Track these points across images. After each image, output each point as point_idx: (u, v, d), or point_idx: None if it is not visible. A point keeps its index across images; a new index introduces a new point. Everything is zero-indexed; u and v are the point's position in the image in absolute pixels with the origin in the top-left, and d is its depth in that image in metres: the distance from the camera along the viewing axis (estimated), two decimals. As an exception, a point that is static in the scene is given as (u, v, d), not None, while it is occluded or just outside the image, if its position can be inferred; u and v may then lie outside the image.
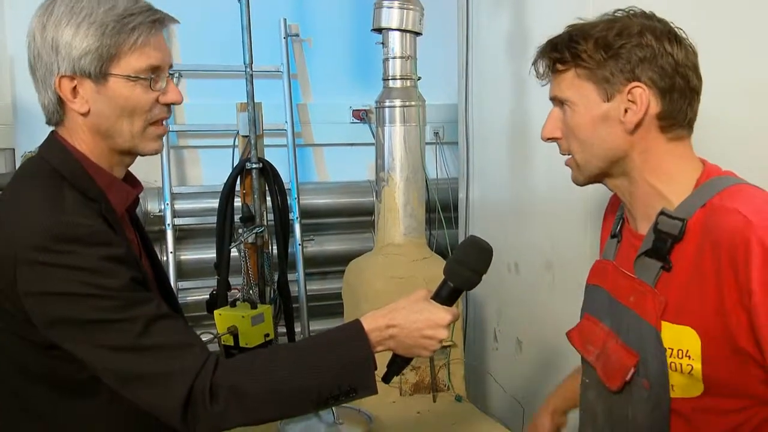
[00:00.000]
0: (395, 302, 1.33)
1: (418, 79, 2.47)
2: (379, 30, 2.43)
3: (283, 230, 2.94)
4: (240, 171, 2.86)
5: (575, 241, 2.26)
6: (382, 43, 2.43)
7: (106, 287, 1.15)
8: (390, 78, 2.42)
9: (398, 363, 1.36)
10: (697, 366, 1.13)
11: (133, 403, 1.20)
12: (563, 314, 2.35)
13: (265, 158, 2.91)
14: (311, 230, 3.50)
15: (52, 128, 1.32)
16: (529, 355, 2.57)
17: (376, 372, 1.28)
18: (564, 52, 1.23)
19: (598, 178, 1.30)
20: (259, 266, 2.92)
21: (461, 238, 2.98)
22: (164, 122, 1.32)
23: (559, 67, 1.25)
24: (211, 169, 3.51)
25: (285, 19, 3.48)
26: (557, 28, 2.29)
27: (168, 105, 1.30)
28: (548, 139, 1.31)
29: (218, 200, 2.95)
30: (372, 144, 3.62)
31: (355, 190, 3.60)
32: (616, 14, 1.24)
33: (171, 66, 1.30)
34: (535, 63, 1.31)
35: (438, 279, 2.43)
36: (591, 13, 2.07)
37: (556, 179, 2.35)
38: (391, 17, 2.38)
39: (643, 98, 1.18)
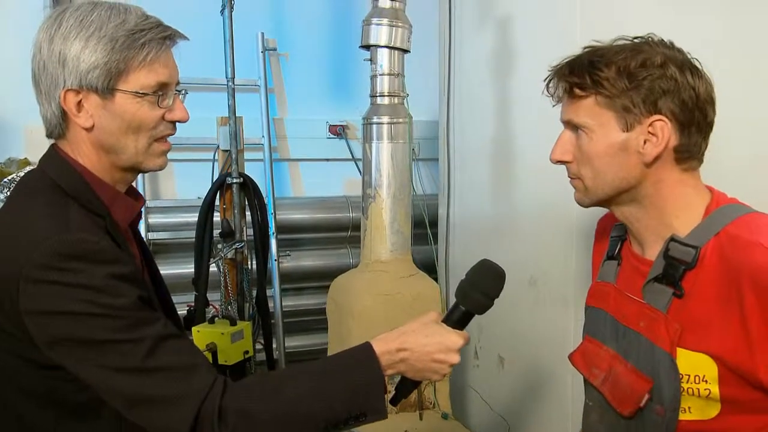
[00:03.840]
0: (406, 325, 1.29)
1: (406, 96, 2.48)
2: (367, 47, 2.43)
3: (262, 246, 2.91)
4: (220, 185, 2.83)
5: (560, 257, 2.27)
6: (370, 60, 2.43)
7: (112, 306, 1.11)
8: (378, 95, 2.42)
9: (407, 386, 1.33)
10: (715, 389, 1.14)
11: (138, 426, 1.16)
12: (547, 331, 2.38)
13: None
14: (287, 246, 3.48)
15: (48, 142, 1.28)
16: (511, 372, 2.58)
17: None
18: (584, 77, 1.20)
19: (604, 203, 1.29)
20: (238, 282, 2.89)
21: (441, 255, 2.99)
22: (168, 138, 1.29)
23: (578, 92, 1.21)
24: (184, 183, 3.47)
25: (263, 33, 3.47)
26: (543, 48, 2.35)
27: (173, 122, 1.27)
28: (558, 161, 1.29)
29: (194, 214, 2.92)
30: (348, 159, 3.64)
31: (331, 206, 3.60)
32: (635, 41, 1.23)
33: (178, 83, 1.27)
34: (548, 83, 1.28)
35: (424, 296, 2.45)
36: (578, 32, 2.15)
37: (541, 197, 2.38)
38: (380, 34, 2.38)
39: (665, 131, 1.17)
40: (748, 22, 1.99)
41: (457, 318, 1.30)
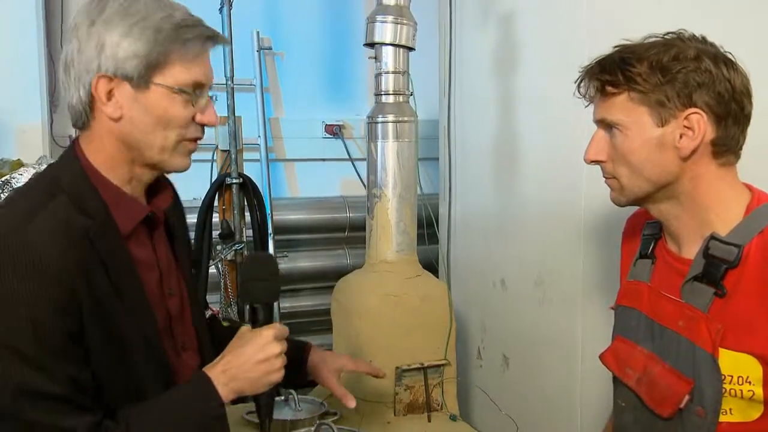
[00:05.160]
0: (225, 349, 1.28)
1: (410, 95, 2.44)
2: (371, 45, 2.39)
3: (263, 247, 2.88)
4: (219, 186, 2.80)
5: (567, 257, 2.26)
6: (375, 58, 2.40)
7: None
8: (383, 93, 2.38)
9: (262, 403, 1.32)
10: (759, 391, 1.12)
11: None
12: (553, 331, 2.36)
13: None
14: (283, 246, 3.45)
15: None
16: (516, 372, 2.56)
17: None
18: (616, 74, 1.19)
19: (641, 201, 1.27)
20: (238, 284, 2.85)
21: (442, 254, 2.97)
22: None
23: (610, 89, 1.20)
24: (182, 184, 3.39)
25: (258, 32, 3.44)
26: (546, 44, 2.34)
27: (203, 126, 1.24)
28: (592, 161, 1.28)
29: (192, 216, 2.87)
30: (345, 159, 3.62)
31: (328, 206, 3.57)
32: (665, 37, 1.22)
33: (211, 87, 1.24)
34: (579, 83, 1.26)
35: (432, 297, 2.42)
36: (583, 27, 2.13)
37: (546, 195, 2.36)
38: (385, 32, 2.34)
39: (701, 125, 1.16)
40: (747, 20, 1.99)
41: (260, 317, 1.31)
